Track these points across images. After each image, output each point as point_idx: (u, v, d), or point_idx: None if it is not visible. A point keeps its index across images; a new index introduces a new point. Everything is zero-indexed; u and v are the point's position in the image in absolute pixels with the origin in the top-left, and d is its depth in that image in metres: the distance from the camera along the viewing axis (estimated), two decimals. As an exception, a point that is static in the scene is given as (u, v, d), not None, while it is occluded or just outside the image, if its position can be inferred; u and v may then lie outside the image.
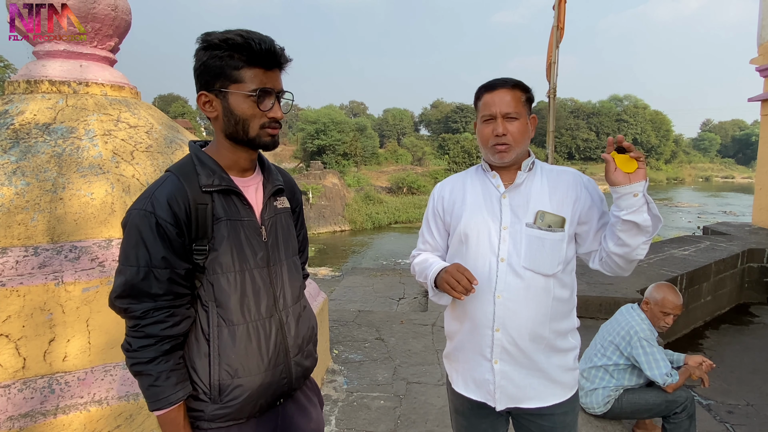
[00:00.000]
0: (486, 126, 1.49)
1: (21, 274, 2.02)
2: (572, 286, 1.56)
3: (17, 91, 2.51)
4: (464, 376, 1.59)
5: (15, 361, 1.98)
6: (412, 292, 6.33)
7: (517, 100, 1.47)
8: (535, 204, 1.48)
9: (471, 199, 1.56)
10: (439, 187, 1.68)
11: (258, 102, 1.17)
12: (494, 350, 1.49)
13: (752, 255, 6.76)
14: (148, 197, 1.15)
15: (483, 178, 1.59)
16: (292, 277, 1.36)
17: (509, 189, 1.51)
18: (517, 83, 1.49)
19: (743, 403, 3.86)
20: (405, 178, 45.14)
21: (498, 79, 1.50)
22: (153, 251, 1.13)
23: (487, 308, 1.48)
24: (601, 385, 2.84)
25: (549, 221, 1.46)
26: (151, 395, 1.15)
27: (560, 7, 5.77)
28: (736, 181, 74.40)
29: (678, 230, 24.59)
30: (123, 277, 1.13)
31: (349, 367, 3.78)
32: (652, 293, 2.80)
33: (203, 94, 1.19)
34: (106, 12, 2.56)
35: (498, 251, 1.48)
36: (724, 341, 5.52)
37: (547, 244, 1.46)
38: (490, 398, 1.52)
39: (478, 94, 1.53)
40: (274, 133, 1.23)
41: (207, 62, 1.16)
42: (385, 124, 73.90)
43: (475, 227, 1.51)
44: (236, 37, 1.13)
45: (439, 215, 1.64)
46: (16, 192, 2.13)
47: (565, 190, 1.51)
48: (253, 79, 1.16)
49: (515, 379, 1.50)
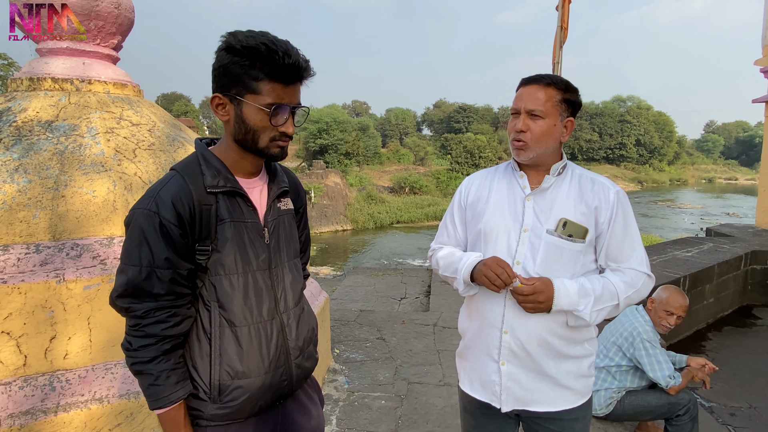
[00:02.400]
0: (511, 120, 1.46)
1: (23, 271, 2.02)
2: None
3: (20, 88, 2.51)
4: (470, 376, 1.58)
5: (16, 359, 1.98)
6: (413, 292, 6.32)
7: (549, 98, 1.40)
8: (558, 211, 1.43)
9: (495, 198, 1.52)
10: (468, 182, 1.64)
11: (271, 117, 1.15)
12: (502, 352, 1.47)
13: (756, 257, 6.73)
14: (153, 197, 1.14)
15: (510, 177, 1.54)
16: (294, 279, 1.35)
17: (535, 192, 1.47)
18: (554, 81, 1.42)
19: (746, 406, 3.83)
20: (407, 178, 45.10)
21: (538, 74, 1.45)
22: (156, 251, 1.12)
23: (497, 309, 1.46)
24: (603, 387, 2.83)
25: (571, 230, 1.41)
26: (152, 394, 1.15)
27: (564, 8, 5.75)
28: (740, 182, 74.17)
29: (681, 232, 24.52)
30: (125, 276, 1.13)
31: (351, 366, 3.78)
32: (658, 293, 2.79)
33: (218, 96, 1.17)
34: (109, 10, 2.56)
35: (515, 254, 1.44)
36: (727, 343, 5.49)
37: (565, 254, 1.42)
38: (495, 399, 1.50)
39: (518, 86, 1.49)
40: (284, 146, 1.22)
41: (227, 66, 1.13)
42: (388, 123, 73.85)
43: (495, 227, 1.48)
44: (261, 45, 1.09)
45: (464, 207, 1.60)
46: (18, 189, 2.12)
47: (592, 199, 1.44)
48: (270, 93, 1.13)
49: (522, 382, 1.47)
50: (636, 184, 63.61)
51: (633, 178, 65.78)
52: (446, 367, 3.77)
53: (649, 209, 38.71)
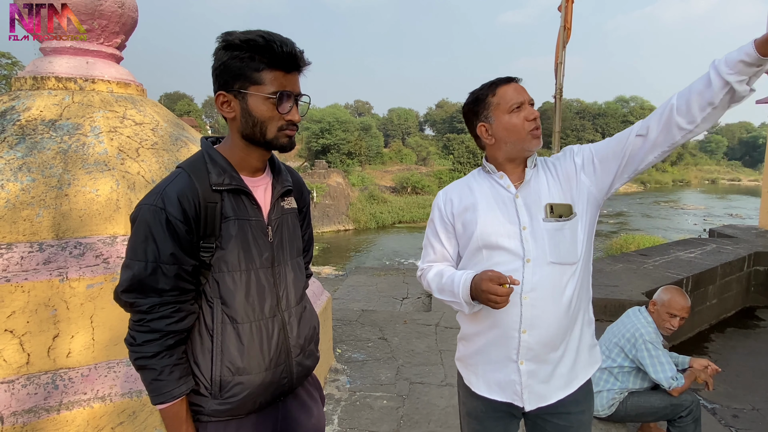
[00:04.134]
0: (515, 115, 1.44)
1: (26, 269, 2.03)
2: (591, 258, 1.55)
3: (24, 87, 2.52)
4: (486, 378, 1.54)
5: (19, 357, 1.99)
6: (415, 292, 6.32)
7: (527, 91, 1.49)
8: (545, 198, 1.46)
9: (483, 204, 1.50)
10: (444, 194, 1.61)
11: (277, 105, 1.17)
12: (520, 351, 1.45)
13: (759, 258, 6.71)
14: (159, 193, 1.15)
15: (489, 180, 1.54)
16: (296, 277, 1.36)
17: (520, 188, 1.48)
18: (520, 78, 1.51)
19: (749, 408, 3.82)
20: (409, 177, 45.06)
21: (509, 76, 1.50)
22: (161, 247, 1.13)
23: (513, 311, 1.43)
24: (605, 388, 2.82)
25: (559, 211, 1.44)
26: (154, 389, 1.16)
27: (567, 8, 5.74)
28: (743, 183, 73.86)
29: (684, 233, 24.45)
30: (130, 271, 1.13)
31: (352, 366, 3.78)
32: (659, 294, 2.78)
33: (222, 94, 1.19)
34: (113, 9, 2.57)
35: (523, 253, 1.43)
36: (730, 345, 5.48)
37: (567, 233, 1.44)
38: (518, 398, 1.49)
39: (489, 91, 1.48)
40: (291, 135, 1.23)
41: (227, 62, 1.15)
42: (390, 123, 73.87)
43: (494, 233, 1.46)
44: (258, 38, 1.12)
45: (449, 222, 1.57)
46: (21, 188, 2.13)
47: (564, 171, 1.50)
48: (273, 81, 1.15)
49: (540, 375, 1.47)
50: (639, 184, 63.44)
51: (636, 178, 65.61)
52: (448, 367, 3.77)
53: (652, 210, 38.61)
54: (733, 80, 1.16)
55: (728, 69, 1.16)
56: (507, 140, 1.47)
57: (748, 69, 1.15)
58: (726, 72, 1.17)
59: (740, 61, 1.15)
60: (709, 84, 1.21)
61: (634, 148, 1.37)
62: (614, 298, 4.87)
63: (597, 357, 1.60)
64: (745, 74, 1.16)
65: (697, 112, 1.24)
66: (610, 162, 1.42)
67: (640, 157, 1.37)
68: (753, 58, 1.13)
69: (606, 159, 1.43)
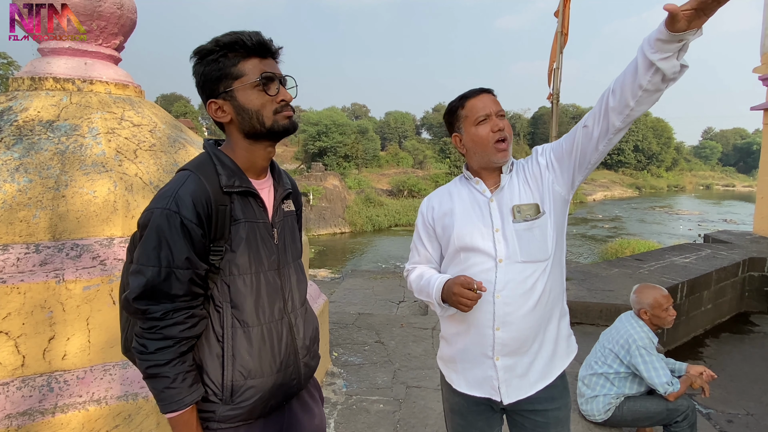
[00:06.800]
0: (482, 127, 1.50)
1: (22, 271, 2.01)
2: (563, 252, 1.60)
3: (21, 87, 2.51)
4: (465, 376, 1.61)
5: (14, 359, 1.97)
6: (412, 296, 6.32)
7: (498, 102, 1.53)
8: (516, 201, 1.52)
9: (460, 209, 1.59)
10: (427, 201, 1.71)
11: (264, 89, 1.18)
12: (495, 348, 1.52)
13: (753, 264, 6.75)
14: (171, 196, 1.13)
15: (468, 186, 1.62)
16: (299, 279, 1.37)
17: (495, 193, 1.56)
18: (491, 90, 1.55)
19: (743, 413, 3.84)
20: (406, 181, 45.11)
21: (480, 87, 1.57)
22: (176, 252, 1.11)
23: (486, 308, 1.50)
24: (601, 393, 2.83)
25: (526, 212, 1.50)
26: (166, 398, 1.13)
27: (564, 13, 5.77)
28: (737, 189, 74.38)
29: (678, 238, 24.57)
30: (143, 277, 1.10)
31: (349, 370, 3.77)
32: (641, 302, 2.80)
33: (212, 102, 1.20)
34: (112, 10, 2.56)
35: (495, 253, 1.50)
36: (725, 350, 5.50)
37: (536, 232, 1.50)
38: (495, 393, 1.55)
39: (459, 103, 1.56)
40: (290, 115, 1.24)
41: (205, 71, 1.18)
42: (387, 126, 73.92)
43: (468, 234, 1.54)
44: (225, 36, 1.17)
45: (430, 226, 1.67)
46: (18, 189, 2.12)
47: (531, 173, 1.55)
48: (253, 69, 1.18)
49: (517, 369, 1.53)
50: (634, 189, 63.76)
51: (631, 183, 65.91)
52: (444, 371, 3.75)
53: (647, 215, 38.79)
54: (656, 58, 1.18)
55: (650, 49, 1.19)
56: (475, 151, 1.55)
57: (666, 46, 1.16)
58: (649, 52, 1.19)
59: (657, 39, 1.16)
60: (636, 66, 1.24)
61: (583, 141, 1.42)
62: (610, 303, 4.89)
63: (573, 346, 1.67)
64: (667, 51, 1.16)
65: (629, 96, 1.27)
66: (565, 159, 1.49)
67: (592, 147, 1.41)
68: (665, 35, 1.14)
69: (562, 157, 1.50)
